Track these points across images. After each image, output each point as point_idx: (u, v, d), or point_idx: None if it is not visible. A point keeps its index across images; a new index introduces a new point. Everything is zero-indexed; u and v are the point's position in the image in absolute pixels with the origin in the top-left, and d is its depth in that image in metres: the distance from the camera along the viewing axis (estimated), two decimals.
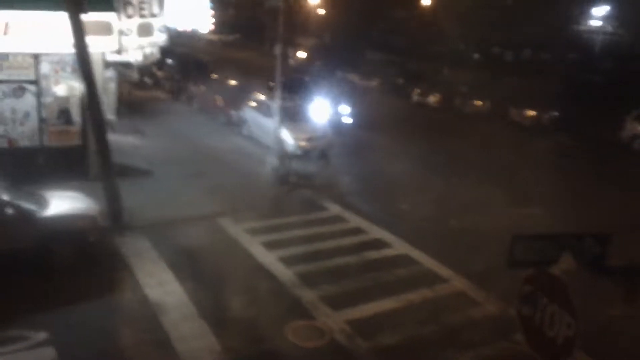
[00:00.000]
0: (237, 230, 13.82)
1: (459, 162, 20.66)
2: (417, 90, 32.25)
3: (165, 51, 18.52)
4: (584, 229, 5.46)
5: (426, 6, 39.54)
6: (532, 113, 27.02)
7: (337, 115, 24.73)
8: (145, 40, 15.48)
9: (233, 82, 28.34)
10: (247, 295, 10.84)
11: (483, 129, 26.26)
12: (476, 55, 42.09)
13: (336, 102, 25.38)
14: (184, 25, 21.98)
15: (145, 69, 26.43)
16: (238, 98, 24.34)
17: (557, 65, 35.39)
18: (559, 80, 31.55)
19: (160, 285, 10.93)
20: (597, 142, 24.55)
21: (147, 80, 31.71)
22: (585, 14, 45.70)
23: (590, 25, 48.38)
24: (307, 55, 41.65)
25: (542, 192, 17.43)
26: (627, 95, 26.22)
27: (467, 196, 17.11)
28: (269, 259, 12.46)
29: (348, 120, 25.26)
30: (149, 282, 11.03)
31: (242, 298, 10.71)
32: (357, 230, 14.51)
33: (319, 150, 20.34)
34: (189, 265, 11.81)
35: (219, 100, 25.32)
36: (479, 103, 29.14)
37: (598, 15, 46.67)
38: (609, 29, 48.44)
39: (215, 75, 30.09)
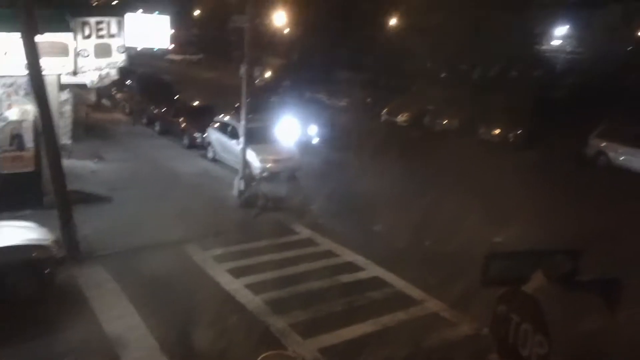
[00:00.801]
0: (203, 257, 13.32)
1: (430, 181, 20.50)
2: (386, 109, 32.21)
3: (125, 72, 18.06)
4: (555, 245, 5.39)
5: (394, 25, 39.81)
6: (499, 130, 27.15)
7: (306, 135, 24.41)
8: (103, 61, 14.98)
9: (197, 103, 27.83)
10: (213, 327, 10.31)
11: (453, 146, 26.21)
12: (444, 74, 42.53)
13: (304, 122, 25.07)
14: (144, 45, 21.55)
15: (103, 90, 25.77)
16: (202, 119, 23.84)
17: (522, 82, 35.86)
18: (525, 98, 31.90)
19: (120, 319, 10.42)
20: (563, 158, 24.74)
21: (105, 102, 30.99)
22: (547, 34, 46.86)
23: (552, 45, 49.64)
24: (274, 75, 41.42)
25: (513, 210, 17.32)
26: (589, 112, 26.61)
27: (440, 215, 16.86)
28: (236, 286, 12.02)
29: (317, 140, 24.96)
30: (108, 315, 10.52)
31: (208, 330, 10.18)
32: (329, 254, 14.17)
33: (288, 172, 19.94)
34: (151, 297, 11.32)
35: (183, 122, 24.76)
36: (448, 121, 29.19)
37: (558, 35, 47.93)
38: (569, 48, 49.78)
39: (178, 96, 29.54)
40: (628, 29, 31.61)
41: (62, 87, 15.66)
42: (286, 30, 42.15)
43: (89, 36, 14.62)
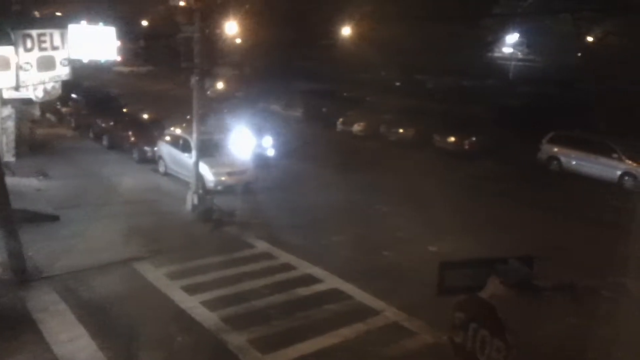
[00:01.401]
0: (156, 275, 12.93)
1: (387, 190, 20.56)
2: (341, 119, 32.27)
3: (70, 85, 17.52)
4: (511, 252, 5.43)
5: (349, 35, 39.99)
6: (454, 139, 27.49)
7: (260, 147, 24.17)
8: (46, 75, 14.43)
9: (147, 116, 27.27)
10: (167, 346, 9.99)
11: (409, 156, 26.46)
12: (398, 83, 43.01)
13: (259, 133, 24.83)
14: (90, 57, 20.92)
15: (48, 105, 24.98)
16: (152, 133, 23.34)
17: (475, 91, 36.53)
18: (479, 106, 32.51)
19: (70, 342, 9.99)
20: (517, 164, 25.21)
21: (50, 117, 30.10)
22: (499, 42, 47.90)
23: (504, 52, 50.79)
24: (227, 86, 41.02)
25: (470, 218, 17.54)
26: (542, 118, 27.24)
27: (397, 225, 16.92)
28: (191, 303, 11.68)
29: (272, 151, 24.75)
30: (58, 339, 10.08)
31: (162, 350, 9.86)
32: (286, 267, 13.96)
33: (242, 185, 19.65)
34: (102, 318, 10.94)
35: (132, 136, 24.18)
36: (403, 130, 29.42)
37: (510, 43, 49.07)
38: (520, 55, 51.07)
39: (126, 109, 28.89)
40: (578, 37, 32.66)
41: (4, 102, 15.02)
42: (238, 41, 41.82)
43: (31, 49, 14.04)
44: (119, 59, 40.32)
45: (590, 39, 34.78)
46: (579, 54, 35.44)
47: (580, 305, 5.23)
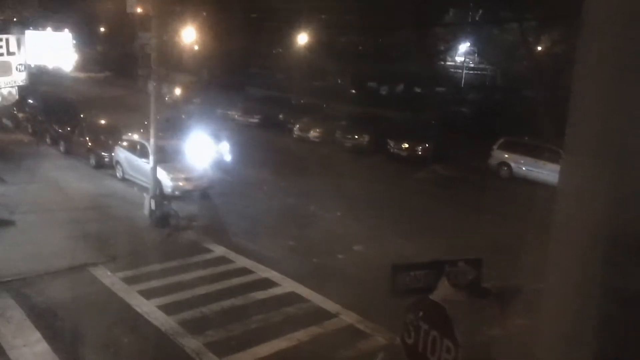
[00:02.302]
0: (113, 280, 12.96)
1: (342, 195, 20.85)
2: (298, 125, 32.55)
3: (26, 91, 17.25)
4: (460, 254, 5.71)
5: (305, 43, 40.34)
6: (406, 145, 28.04)
7: (218, 153, 24.25)
8: (2, 80, 14.34)
9: (104, 122, 27.04)
10: (123, 351, 10.07)
11: (363, 162, 26.85)
12: (353, 90, 43.53)
13: (216, 139, 24.91)
14: (46, 62, 20.70)
15: (4, 110, 24.54)
16: (110, 138, 23.17)
17: (428, 98, 37.27)
18: (431, 113, 33.19)
19: (26, 347, 10.00)
20: (469, 170, 25.80)
21: (6, 122, 29.50)
22: (450, 51, 48.96)
23: (455, 61, 51.91)
24: (184, 92, 40.85)
25: (424, 222, 17.99)
26: (493, 125, 27.96)
27: (354, 229, 17.24)
28: (148, 308, 11.76)
29: (229, 157, 24.85)
30: (14, 343, 10.08)
31: (119, 354, 9.92)
32: (244, 271, 14.12)
33: (200, 190, 19.73)
34: (58, 323, 10.94)
35: (89, 141, 23.97)
36: (358, 137, 29.87)
37: (461, 52, 50.20)
38: (471, 64, 52.26)
39: (83, 115, 28.57)
40: (526, 46, 33.74)
41: None
42: (196, 47, 41.72)
43: None
44: (75, 66, 39.73)
45: (539, 48, 35.95)
46: (525, 63, 36.58)
47: (526, 307, 5.38)
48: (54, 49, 16.62)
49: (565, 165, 1.79)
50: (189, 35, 33.62)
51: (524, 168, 24.80)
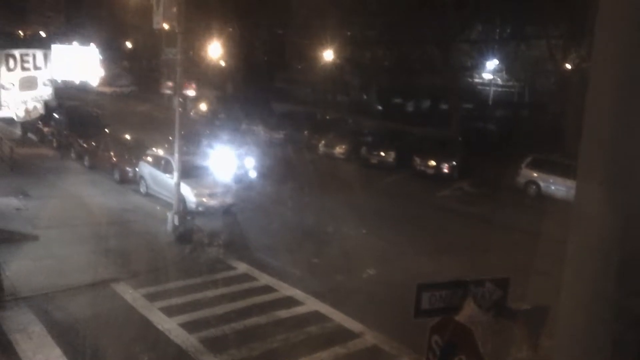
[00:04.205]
0: (135, 297, 12.83)
1: (367, 212, 20.65)
2: (323, 141, 32.43)
3: (52, 105, 17.35)
4: (487, 273, 5.51)
5: (330, 59, 40.41)
6: (433, 162, 27.73)
7: (242, 168, 24.18)
8: (28, 95, 14.42)
9: (128, 137, 27.19)
10: None
11: (389, 178, 26.62)
12: (379, 106, 43.40)
13: (241, 155, 24.86)
14: (72, 77, 20.98)
15: (29, 124, 24.78)
16: (134, 153, 23.24)
17: (455, 115, 36.96)
18: (458, 129, 32.86)
19: None
20: (495, 188, 25.39)
21: (31, 136, 29.86)
22: (478, 68, 48.72)
23: (483, 78, 51.62)
24: (209, 107, 41.07)
25: (449, 240, 17.65)
26: (520, 142, 27.56)
27: (378, 247, 16.99)
28: (170, 325, 11.60)
29: (253, 173, 24.77)
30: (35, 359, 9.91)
31: None
32: (267, 289, 13.93)
33: (223, 206, 19.62)
34: (79, 339, 10.81)
35: (113, 156, 24.07)
36: (384, 153, 29.66)
37: (489, 69, 49.95)
38: (499, 81, 51.89)
39: (108, 130, 28.79)
40: (553, 62, 33.35)
41: None
42: (221, 62, 42.01)
43: (13, 69, 14.07)
44: (101, 81, 40.19)
45: (567, 64, 35.48)
46: (553, 80, 36.17)
47: (554, 328, 5.19)
48: (80, 63, 16.75)
49: (579, 190, 1.82)
50: (215, 51, 33.82)
51: (552, 187, 24.34)
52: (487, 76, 51.45)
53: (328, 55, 39.89)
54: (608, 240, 1.60)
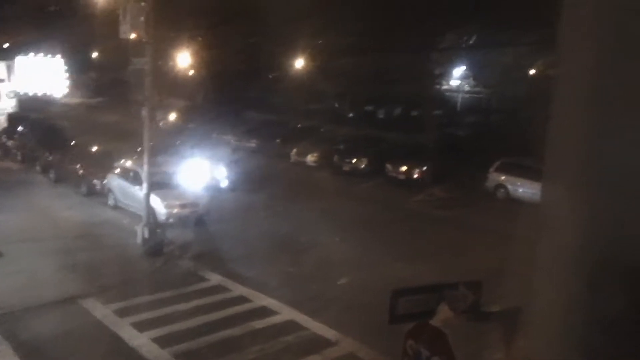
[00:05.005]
0: (104, 312, 12.56)
1: (340, 220, 20.59)
2: (295, 150, 32.36)
3: (16, 118, 16.96)
4: (462, 276, 5.50)
5: (301, 67, 40.42)
6: (405, 168, 27.88)
7: (214, 178, 23.93)
8: None
9: (96, 149, 26.75)
10: None
11: (362, 185, 26.68)
12: (350, 114, 43.59)
13: (212, 164, 24.62)
14: (37, 89, 20.52)
15: None
16: (102, 165, 22.85)
17: (425, 122, 37.24)
18: (428, 136, 33.09)
19: None
20: (466, 192, 25.64)
21: None
22: (446, 74, 49.43)
23: (451, 85, 52.43)
24: (179, 117, 40.66)
25: (423, 245, 17.70)
26: (489, 147, 27.91)
27: (352, 254, 16.93)
28: (142, 341, 11.37)
29: (225, 183, 24.54)
30: None
31: None
32: (241, 299, 13.79)
33: (195, 217, 19.36)
34: (47, 358, 10.47)
35: (80, 169, 23.63)
36: (356, 160, 29.71)
37: (457, 75, 50.74)
38: (467, 87, 52.71)
39: (75, 142, 28.30)
40: (520, 70, 33.96)
41: None
42: (191, 72, 41.67)
43: None
44: (67, 92, 39.57)
45: (533, 71, 36.13)
46: (519, 85, 36.81)
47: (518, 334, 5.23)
48: (45, 75, 16.37)
49: (545, 194, 1.92)
50: (184, 60, 33.51)
51: (520, 190, 24.69)
52: (454, 83, 52.29)
53: (300, 63, 39.91)
54: (575, 243, 1.61)
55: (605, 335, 1.55)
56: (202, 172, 22.64)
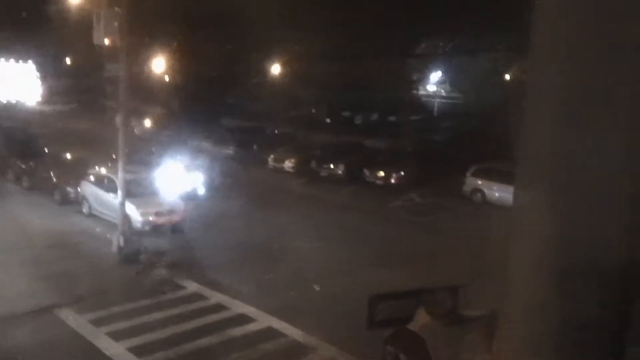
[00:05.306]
0: (80, 322, 12.42)
1: (318, 226, 20.56)
2: (272, 156, 32.30)
3: None
4: (441, 281, 5.47)
5: (279, 74, 40.45)
6: (382, 173, 28.01)
7: (190, 185, 23.74)
8: None
9: (70, 156, 26.38)
10: None
11: (340, 191, 26.71)
12: (328, 120, 43.69)
13: (189, 171, 24.43)
14: (8, 95, 20.15)
15: None
16: (76, 173, 22.54)
17: (402, 127, 37.46)
18: (406, 141, 33.28)
19: None
20: (444, 197, 25.80)
21: None
22: (423, 80, 49.83)
23: (428, 90, 52.89)
24: (154, 123, 40.32)
25: (401, 250, 17.75)
26: (466, 152, 28.16)
27: (330, 260, 16.90)
28: (117, 350, 11.29)
29: (202, 189, 24.37)
30: None
31: None
32: (218, 307, 13.73)
33: (171, 224, 19.17)
34: None
35: (54, 177, 23.28)
36: (334, 166, 29.75)
37: (434, 81, 51.23)
38: (444, 93, 53.22)
39: (48, 149, 27.90)
40: (497, 75, 34.36)
41: None
42: (166, 78, 41.41)
43: None
44: (40, 99, 39.00)
45: (509, 76, 36.61)
46: (495, 90, 37.26)
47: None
48: (17, 81, 16.06)
49: (517, 198, 1.84)
50: (159, 66, 33.28)
51: (497, 194, 24.90)
52: (431, 88, 52.74)
53: (277, 70, 39.93)
54: (545, 247, 1.61)
55: (575, 336, 1.57)
56: (178, 179, 22.46)
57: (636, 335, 1.51)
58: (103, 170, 21.18)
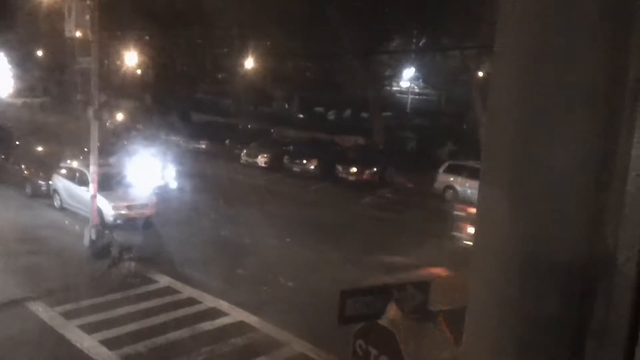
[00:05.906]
0: (51, 315, 12.36)
1: (291, 221, 20.70)
2: (245, 151, 32.31)
3: None
4: (410, 278, 5.68)
5: (252, 69, 40.33)
6: (354, 169, 28.22)
7: (162, 179, 23.67)
8: None
9: (41, 149, 26.08)
10: None
11: (312, 187, 26.84)
12: (301, 115, 43.73)
13: (160, 166, 24.35)
14: None
15: None
16: (47, 166, 22.32)
17: (375, 123, 37.71)
18: (378, 138, 33.58)
19: None
20: (416, 194, 26.08)
21: None
22: (396, 77, 49.98)
23: (401, 86, 53.07)
24: (127, 117, 39.95)
25: (373, 246, 17.96)
26: (438, 148, 28.55)
27: (303, 255, 17.07)
28: (89, 343, 11.27)
29: (174, 184, 24.31)
30: None
31: None
32: (190, 301, 13.75)
33: (143, 218, 19.14)
34: None
35: (25, 170, 23.02)
36: (307, 161, 29.87)
37: (406, 77, 51.40)
38: (416, 89, 53.48)
39: (19, 142, 27.53)
40: (468, 72, 34.67)
41: None
42: (138, 72, 41.03)
43: None
44: (10, 92, 38.32)
45: (480, 73, 36.93)
46: (467, 87, 37.65)
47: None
48: None
49: (482, 194, 1.84)
50: (131, 60, 32.98)
51: (468, 191, 25.21)
52: (404, 84, 52.95)
53: (249, 65, 39.82)
54: (510, 244, 1.61)
55: (538, 334, 1.58)
56: (150, 174, 22.38)
57: (596, 331, 1.53)
58: (75, 164, 21.03)
